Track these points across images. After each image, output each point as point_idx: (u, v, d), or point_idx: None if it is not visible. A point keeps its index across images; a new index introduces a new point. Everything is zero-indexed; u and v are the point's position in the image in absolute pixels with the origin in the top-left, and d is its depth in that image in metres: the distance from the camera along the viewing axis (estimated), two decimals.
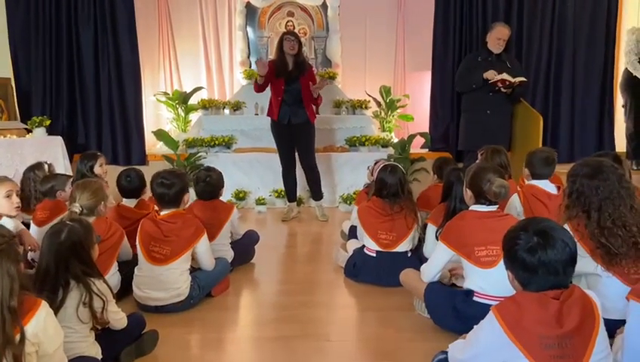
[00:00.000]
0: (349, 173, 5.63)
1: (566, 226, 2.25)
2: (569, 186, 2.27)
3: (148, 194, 3.54)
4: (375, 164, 3.78)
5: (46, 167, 3.75)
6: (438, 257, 2.36)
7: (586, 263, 2.12)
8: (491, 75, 4.70)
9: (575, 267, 1.57)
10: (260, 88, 4.58)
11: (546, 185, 3.06)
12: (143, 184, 3.23)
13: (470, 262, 2.23)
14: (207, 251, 2.73)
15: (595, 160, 2.33)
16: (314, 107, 4.71)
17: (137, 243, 2.62)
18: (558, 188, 3.04)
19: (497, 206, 2.33)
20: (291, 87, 4.50)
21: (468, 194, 2.38)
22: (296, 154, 4.78)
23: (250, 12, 6.51)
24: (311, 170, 4.78)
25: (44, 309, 1.54)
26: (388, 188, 3.02)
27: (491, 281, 2.17)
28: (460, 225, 2.32)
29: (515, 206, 3.09)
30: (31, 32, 5.09)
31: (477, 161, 3.83)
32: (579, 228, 2.19)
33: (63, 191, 3.18)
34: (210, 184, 3.21)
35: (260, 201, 5.29)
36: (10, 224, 2.54)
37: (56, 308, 1.78)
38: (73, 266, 1.87)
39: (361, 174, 5.40)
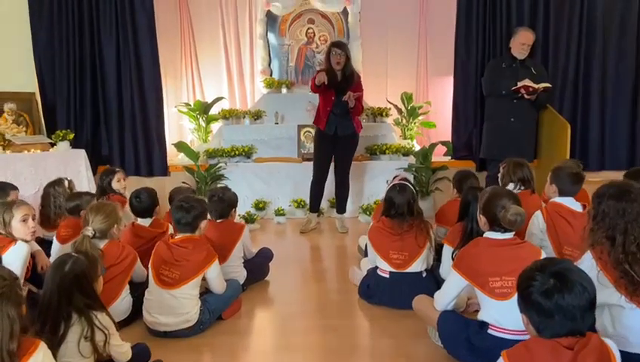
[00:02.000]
0: (369, 182, 5.57)
1: (589, 254, 2.15)
2: (594, 207, 2.16)
3: (165, 209, 3.57)
4: (395, 178, 3.71)
5: (66, 183, 3.82)
6: (452, 286, 2.27)
7: (609, 294, 2.01)
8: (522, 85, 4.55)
9: (594, 312, 1.48)
10: (316, 89, 4.49)
11: (572, 203, 2.93)
12: (155, 203, 3.23)
13: (484, 292, 2.13)
14: (219, 276, 2.71)
15: (624, 181, 2.22)
16: (359, 117, 4.71)
17: (149, 266, 2.61)
18: (584, 206, 2.90)
19: (513, 233, 2.22)
20: (340, 99, 4.44)
21: (482, 220, 2.29)
22: (332, 164, 4.75)
23: (271, 20, 6.50)
24: (343, 182, 4.79)
25: (41, 351, 1.53)
26: (396, 208, 2.94)
27: (506, 314, 2.06)
28: (473, 253, 2.22)
29: (538, 223, 2.97)
30: (55, 46, 5.18)
31: (499, 173, 3.72)
32: (602, 256, 2.09)
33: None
34: (223, 200, 3.19)
35: (279, 212, 5.26)
36: (25, 247, 2.58)
37: (58, 342, 1.78)
38: (76, 299, 1.86)
39: (381, 183, 5.32)
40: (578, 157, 5.08)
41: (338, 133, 4.56)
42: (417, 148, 5.96)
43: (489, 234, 2.25)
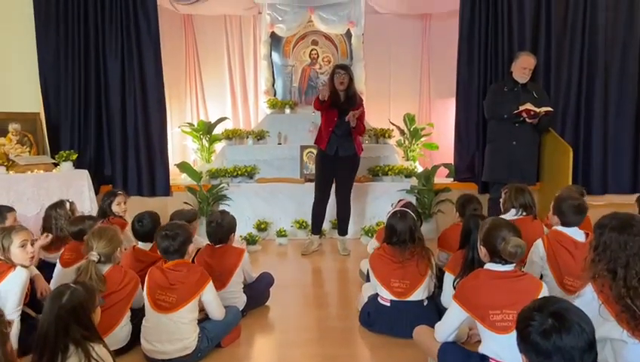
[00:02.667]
0: (371, 204, 5.57)
1: (590, 287, 2.13)
2: (596, 238, 2.14)
3: None
4: (399, 202, 3.70)
5: (68, 205, 3.82)
6: (452, 317, 2.25)
7: (611, 328, 1.99)
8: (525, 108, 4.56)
9: (593, 353, 1.45)
10: (320, 106, 4.52)
11: (575, 233, 2.90)
12: (157, 227, 3.21)
13: (485, 326, 2.11)
14: (215, 299, 2.69)
15: (626, 213, 2.20)
16: (360, 138, 4.73)
17: (145, 292, 2.60)
18: (587, 235, 2.88)
19: (514, 264, 2.21)
20: (342, 120, 4.48)
21: (482, 251, 2.27)
22: (334, 185, 4.76)
23: (275, 41, 6.57)
24: (344, 203, 4.78)
25: None
26: (398, 235, 2.93)
27: (507, 348, 2.03)
28: (474, 285, 2.20)
29: (539, 251, 2.95)
30: (60, 67, 5.22)
31: (501, 198, 3.71)
32: (603, 289, 2.06)
33: None
34: (222, 226, 3.17)
35: (281, 233, 5.25)
36: (23, 273, 2.57)
37: None
38: (73, 330, 1.85)
39: (383, 205, 5.32)
40: (581, 181, 5.10)
41: (339, 153, 4.59)
42: (420, 169, 5.98)
43: (489, 266, 2.23)
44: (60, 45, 5.20)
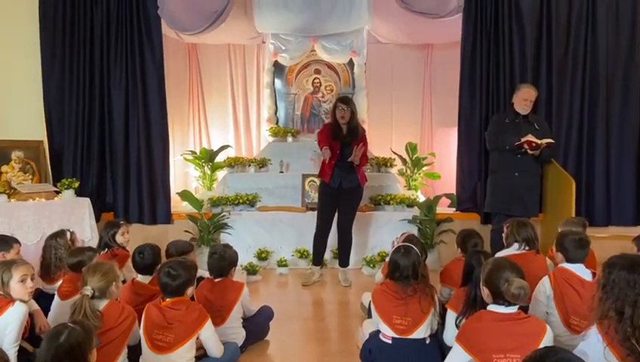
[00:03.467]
0: (373, 234, 5.53)
1: (595, 329, 2.10)
2: (604, 277, 2.13)
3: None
4: (401, 235, 3.68)
5: (68, 234, 3.81)
6: (455, 360, 2.21)
7: None
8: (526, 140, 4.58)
9: None
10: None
11: (580, 271, 2.85)
12: (157, 260, 3.20)
13: None
14: (213, 336, 2.65)
15: (636, 254, 2.19)
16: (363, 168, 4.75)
17: (141, 331, 2.56)
18: (593, 274, 2.85)
19: (517, 306, 2.17)
20: (345, 152, 4.50)
21: (485, 292, 2.24)
22: (336, 215, 4.74)
23: (278, 70, 6.64)
24: (346, 233, 4.76)
25: None
26: (401, 271, 2.89)
27: None
28: (477, 327, 2.17)
29: (545, 290, 2.90)
30: (65, 95, 5.28)
31: (503, 232, 3.69)
32: (609, 331, 2.04)
33: None
34: (223, 258, 3.15)
35: (281, 263, 5.21)
36: (22, 308, 2.54)
37: None
38: None
39: (386, 235, 5.31)
40: (584, 213, 5.08)
41: (343, 185, 4.59)
42: (422, 198, 5.96)
43: (492, 308, 2.20)
44: (64, 74, 5.27)
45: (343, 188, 4.60)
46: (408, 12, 5.41)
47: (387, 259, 4.08)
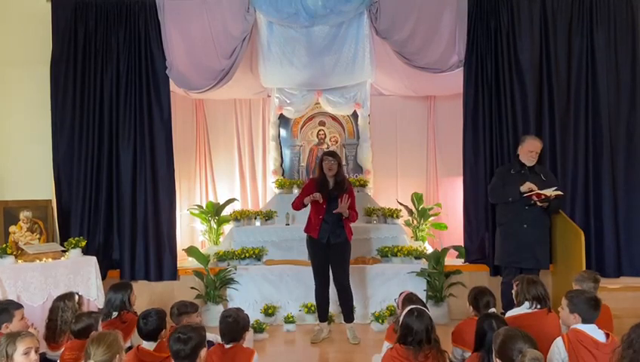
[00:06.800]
0: (381, 286, 5.45)
1: None
2: (628, 334, 2.18)
3: (168, 321, 3.48)
4: (400, 295, 3.65)
5: (76, 297, 3.79)
6: None
7: None
8: (527, 187, 4.58)
9: None
10: (301, 207, 4.65)
11: (594, 332, 2.80)
12: (162, 326, 3.16)
13: None
14: None
15: None
16: (351, 224, 4.73)
17: None
18: (607, 335, 2.79)
19: None
20: (332, 206, 4.53)
21: None
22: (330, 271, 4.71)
23: (284, 122, 6.74)
24: (344, 289, 4.69)
25: None
26: (413, 335, 2.83)
27: None
28: None
29: (560, 352, 2.83)
30: (74, 153, 5.35)
31: (513, 289, 3.63)
32: None
33: (96, 331, 3.16)
34: (237, 322, 3.10)
35: (288, 319, 5.12)
36: None
37: None
38: None
39: (394, 287, 5.23)
40: (594, 263, 5.02)
41: (331, 241, 4.58)
42: (429, 249, 5.90)
43: None
44: (74, 133, 5.36)
45: (331, 244, 4.58)
46: (410, 67, 5.53)
47: (391, 322, 4.04)
